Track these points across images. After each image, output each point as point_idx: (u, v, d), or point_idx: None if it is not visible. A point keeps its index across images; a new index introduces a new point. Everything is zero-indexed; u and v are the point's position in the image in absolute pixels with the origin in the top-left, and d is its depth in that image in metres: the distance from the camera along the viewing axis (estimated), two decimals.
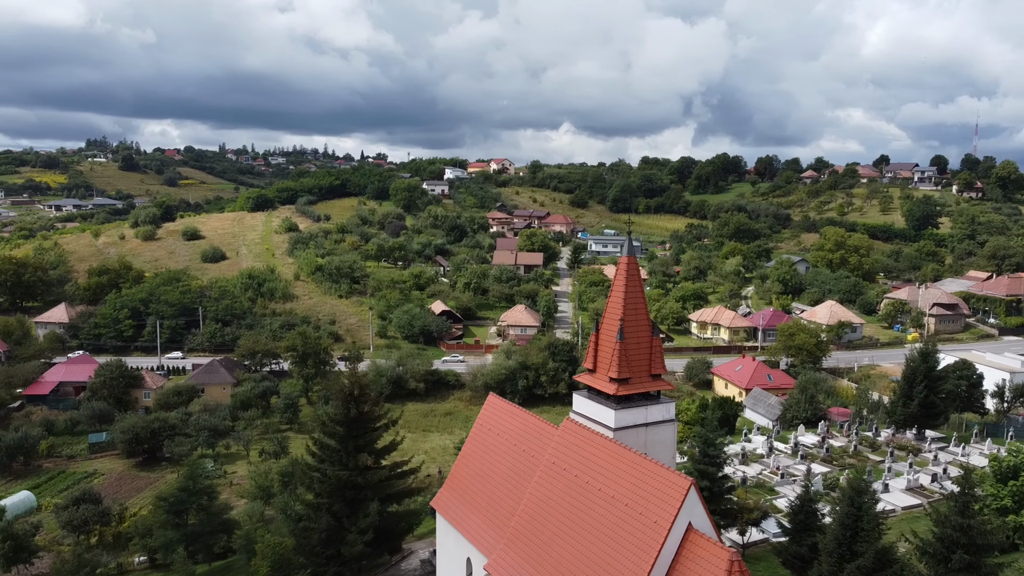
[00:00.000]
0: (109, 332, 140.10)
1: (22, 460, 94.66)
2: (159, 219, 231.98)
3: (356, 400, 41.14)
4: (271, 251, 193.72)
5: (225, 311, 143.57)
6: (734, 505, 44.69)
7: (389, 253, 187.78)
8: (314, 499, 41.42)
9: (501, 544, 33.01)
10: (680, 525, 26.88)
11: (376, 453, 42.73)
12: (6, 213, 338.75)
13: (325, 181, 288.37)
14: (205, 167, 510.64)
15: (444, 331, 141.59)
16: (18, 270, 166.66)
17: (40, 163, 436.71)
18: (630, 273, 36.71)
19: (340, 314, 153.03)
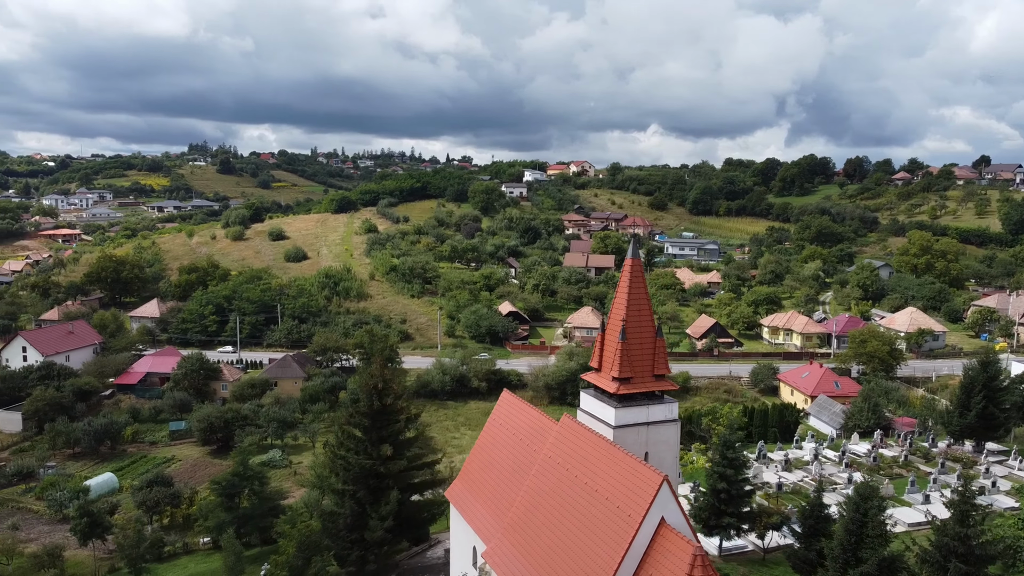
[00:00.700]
0: (195, 327, 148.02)
1: (109, 444, 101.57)
2: (248, 220, 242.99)
3: (380, 393, 43.30)
4: (350, 251, 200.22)
5: (301, 309, 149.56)
6: (753, 509, 44.65)
7: (462, 254, 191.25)
8: (340, 486, 43.84)
9: (498, 533, 34.44)
10: (652, 520, 27.68)
11: (397, 444, 44.80)
12: (113, 214, 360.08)
13: (406, 184, 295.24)
14: (297, 170, 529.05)
15: (510, 331, 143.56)
16: (117, 267, 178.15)
17: (145, 167, 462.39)
18: (634, 275, 37.53)
19: (411, 313, 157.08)
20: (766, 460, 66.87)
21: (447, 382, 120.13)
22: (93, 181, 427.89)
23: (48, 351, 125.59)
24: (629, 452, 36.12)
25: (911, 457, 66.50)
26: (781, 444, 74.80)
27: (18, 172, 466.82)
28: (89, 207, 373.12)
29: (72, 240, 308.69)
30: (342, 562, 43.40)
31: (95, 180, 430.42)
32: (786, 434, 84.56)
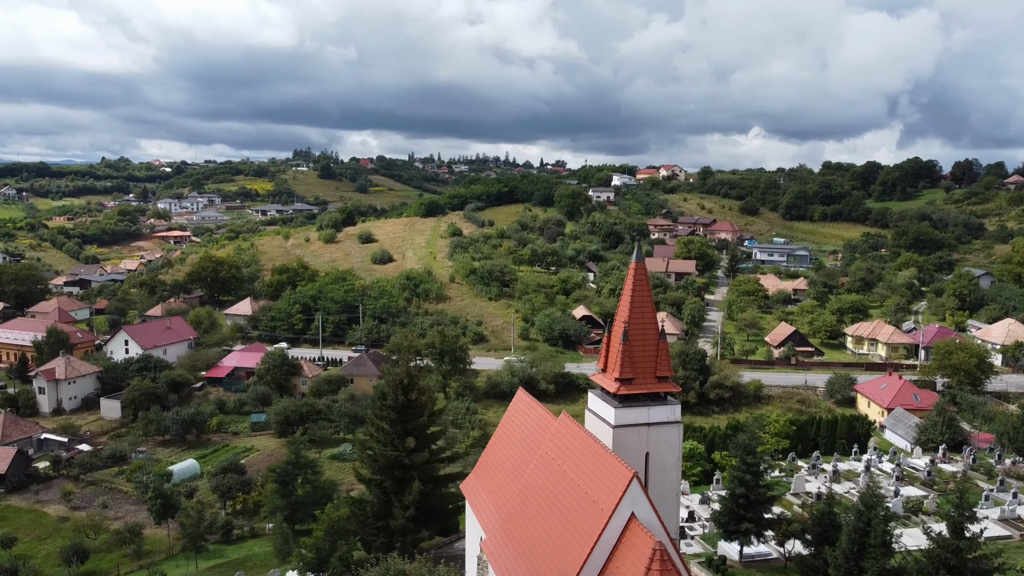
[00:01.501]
0: (283, 325, 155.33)
1: (195, 433, 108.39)
2: (340, 224, 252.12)
3: (405, 389, 45.45)
4: (433, 254, 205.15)
5: (382, 309, 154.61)
6: (773, 515, 44.42)
7: (542, 258, 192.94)
8: (369, 475, 46.22)
9: (496, 525, 35.91)
10: (622, 514, 28.59)
11: (421, 437, 46.82)
12: (220, 217, 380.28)
13: (494, 188, 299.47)
14: (394, 175, 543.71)
15: (583, 335, 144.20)
16: (216, 267, 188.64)
17: (251, 172, 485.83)
18: (637, 278, 38.28)
19: (488, 316, 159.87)
20: (815, 470, 65.62)
21: (515, 384, 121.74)
22: (204, 186, 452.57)
23: (147, 345, 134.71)
24: (628, 451, 37.05)
25: (971, 473, 63.80)
26: (838, 456, 73.04)
27: (138, 177, 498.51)
28: (199, 210, 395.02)
29: (182, 241, 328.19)
30: (368, 547, 45.77)
31: (206, 185, 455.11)
32: (857, 446, 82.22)
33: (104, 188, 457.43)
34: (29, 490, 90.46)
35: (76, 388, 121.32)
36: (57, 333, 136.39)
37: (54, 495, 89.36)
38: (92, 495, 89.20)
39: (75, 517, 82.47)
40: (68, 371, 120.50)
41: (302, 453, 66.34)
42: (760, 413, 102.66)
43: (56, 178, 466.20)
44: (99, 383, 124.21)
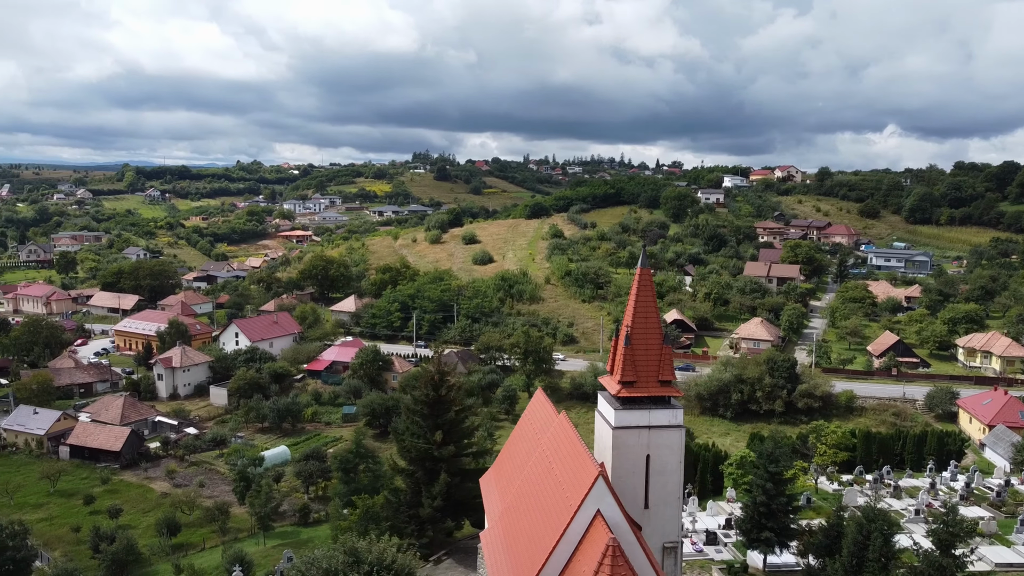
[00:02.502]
0: (382, 322, 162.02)
1: (291, 421, 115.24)
2: (447, 224, 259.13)
3: (436, 385, 47.74)
4: (532, 256, 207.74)
5: (476, 309, 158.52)
6: (796, 525, 43.88)
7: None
8: (403, 466, 48.83)
9: (496, 517, 37.61)
10: (588, 510, 29.69)
11: (449, 432, 48.94)
12: (340, 217, 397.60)
13: (600, 190, 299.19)
14: (508, 176, 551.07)
15: (673, 339, 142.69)
16: (326, 266, 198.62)
17: (371, 174, 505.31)
18: (641, 283, 38.99)
19: (580, 317, 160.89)
20: (877, 484, 63.48)
21: (598, 385, 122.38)
22: (327, 188, 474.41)
23: (255, 337, 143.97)
24: (629, 453, 37.90)
25: None
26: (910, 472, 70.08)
27: (268, 179, 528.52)
28: (321, 211, 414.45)
29: (304, 241, 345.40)
30: (400, 534, 48.34)
31: (328, 187, 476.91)
32: (950, 462, 78.29)
33: (237, 190, 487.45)
34: (140, 467, 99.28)
35: (190, 376, 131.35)
36: (177, 324, 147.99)
37: (160, 472, 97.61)
38: (192, 474, 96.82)
39: (174, 493, 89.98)
40: (183, 360, 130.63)
41: (363, 443, 70.08)
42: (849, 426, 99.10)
43: (195, 180, 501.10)
44: (211, 372, 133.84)
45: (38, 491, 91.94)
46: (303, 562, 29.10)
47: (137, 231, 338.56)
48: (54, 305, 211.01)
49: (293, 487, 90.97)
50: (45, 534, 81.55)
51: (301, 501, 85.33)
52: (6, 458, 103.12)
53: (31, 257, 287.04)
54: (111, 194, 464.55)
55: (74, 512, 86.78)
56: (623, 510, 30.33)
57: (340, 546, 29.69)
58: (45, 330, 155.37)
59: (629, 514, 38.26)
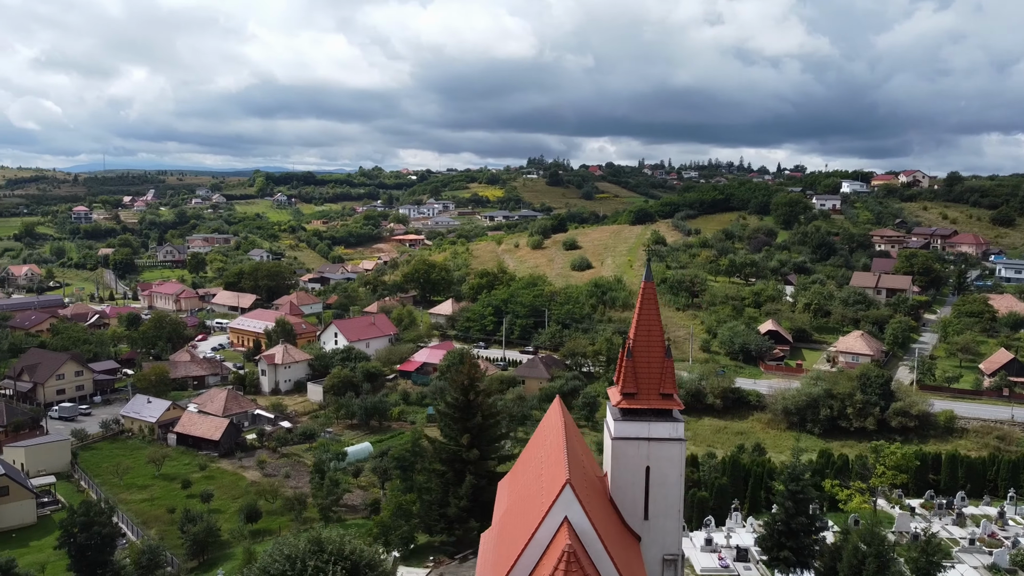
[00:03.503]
0: (476, 326, 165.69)
1: (378, 419, 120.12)
2: (550, 230, 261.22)
3: (465, 390, 49.47)
4: (631, 262, 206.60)
5: (567, 315, 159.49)
6: (816, 545, 42.88)
7: (740, 269, 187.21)
8: (435, 466, 50.89)
9: (497, 519, 38.97)
10: (556, 517, 30.62)
11: (476, 435, 50.49)
12: (452, 222, 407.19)
13: (708, 196, 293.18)
14: (621, 182, 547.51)
15: (764, 350, 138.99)
16: (428, 270, 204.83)
17: (485, 180, 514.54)
18: (645, 297, 39.43)
19: (671, 326, 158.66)
20: (942, 510, 60.45)
21: (681, 395, 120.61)
22: (441, 193, 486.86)
23: (352, 338, 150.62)
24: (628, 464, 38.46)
25: None
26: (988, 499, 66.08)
27: (387, 185, 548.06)
28: (434, 216, 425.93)
29: (416, 244, 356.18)
30: (430, 531, 50.49)
31: (443, 192, 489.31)
32: None
33: (358, 195, 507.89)
34: (235, 456, 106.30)
35: (291, 372, 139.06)
36: (283, 323, 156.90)
37: (253, 462, 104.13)
38: (281, 465, 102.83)
39: (262, 482, 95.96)
40: (284, 357, 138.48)
41: (419, 442, 72.74)
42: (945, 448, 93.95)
43: (319, 186, 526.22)
44: (310, 369, 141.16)
45: (145, 473, 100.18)
46: (273, 548, 31.57)
47: (262, 234, 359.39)
48: (183, 302, 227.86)
49: (370, 482, 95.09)
50: (145, 513, 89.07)
51: (374, 495, 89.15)
52: (122, 442, 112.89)
53: (167, 257, 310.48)
54: (243, 199, 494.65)
55: (173, 494, 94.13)
56: (589, 517, 31.00)
57: (305, 535, 31.92)
58: (168, 326, 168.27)
59: (628, 524, 38.92)
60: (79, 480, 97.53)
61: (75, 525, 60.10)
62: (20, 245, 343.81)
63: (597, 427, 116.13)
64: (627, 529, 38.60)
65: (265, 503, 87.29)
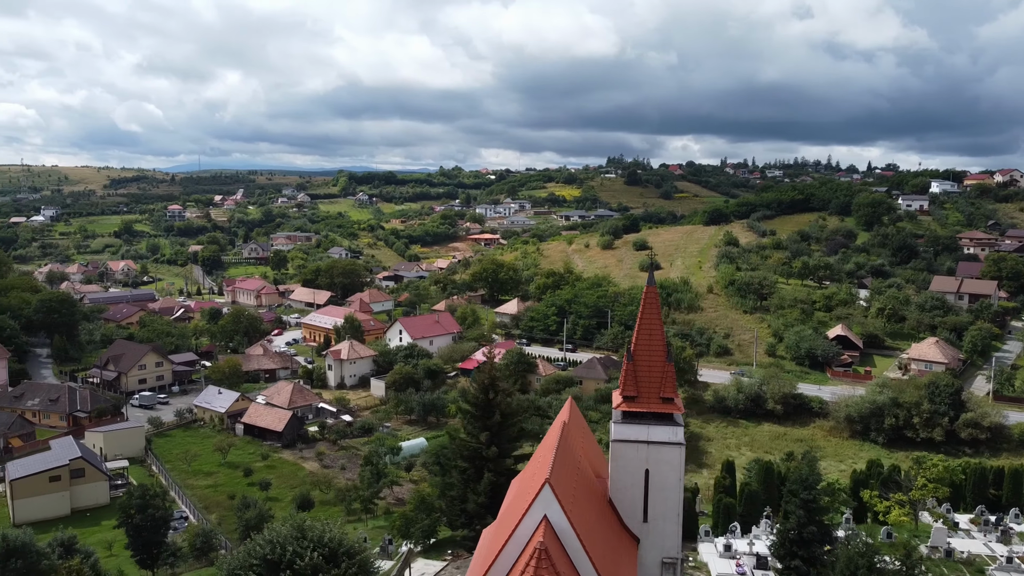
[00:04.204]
0: (539, 325, 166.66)
1: (435, 416, 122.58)
2: (621, 230, 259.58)
3: (486, 389, 50.50)
4: (701, 263, 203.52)
5: (630, 316, 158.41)
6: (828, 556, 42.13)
7: (813, 271, 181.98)
8: (456, 463, 52.15)
9: (499, 517, 39.92)
10: (535, 515, 31.36)
11: (495, 433, 51.39)
12: (527, 222, 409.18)
13: (787, 196, 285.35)
14: (701, 181, 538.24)
15: (831, 356, 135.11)
16: (496, 270, 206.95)
17: (562, 179, 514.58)
18: (647, 301, 39.62)
19: (737, 329, 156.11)
20: (987, 526, 58.13)
21: (741, 400, 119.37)
22: (518, 192, 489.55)
23: (416, 335, 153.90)
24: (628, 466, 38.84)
25: None
26: None
27: (466, 184, 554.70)
28: (510, 215, 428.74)
29: (491, 244, 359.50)
30: (452, 525, 51.77)
31: (520, 192, 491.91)
32: None
33: (437, 194, 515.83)
34: (296, 447, 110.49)
35: (356, 368, 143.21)
36: (352, 320, 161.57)
37: (312, 454, 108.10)
38: (338, 457, 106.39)
39: (319, 473, 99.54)
40: (350, 353, 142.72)
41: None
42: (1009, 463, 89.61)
43: (400, 185, 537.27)
44: (374, 365, 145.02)
45: (212, 461, 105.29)
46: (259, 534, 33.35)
47: (342, 232, 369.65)
48: (263, 298, 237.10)
49: (422, 476, 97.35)
50: (207, 498, 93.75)
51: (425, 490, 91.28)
52: (194, 431, 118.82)
53: (252, 254, 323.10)
54: (326, 198, 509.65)
55: (235, 482, 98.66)
56: (568, 517, 31.58)
57: (290, 522, 33.52)
58: (245, 320, 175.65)
59: (627, 526, 39.29)
60: (150, 465, 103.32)
61: (132, 507, 64.15)
62: (119, 242, 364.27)
63: None
64: (625, 531, 38.97)
65: (319, 493, 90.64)
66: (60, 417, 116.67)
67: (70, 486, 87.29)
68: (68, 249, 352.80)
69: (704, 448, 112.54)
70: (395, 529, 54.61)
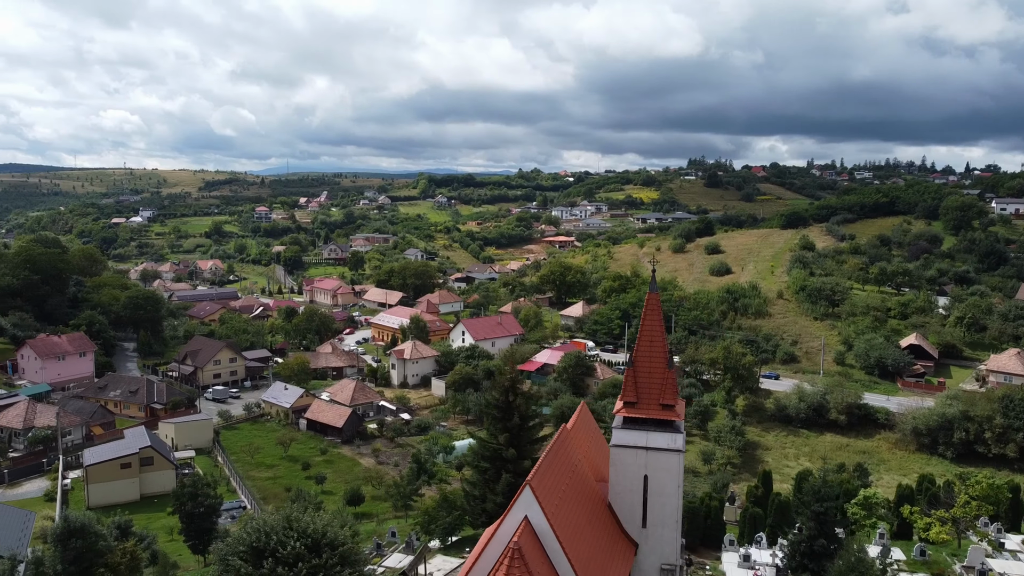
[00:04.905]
0: (603, 329, 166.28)
1: None
2: (694, 233, 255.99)
3: (506, 392, 51.32)
4: (773, 268, 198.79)
5: (693, 321, 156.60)
6: None
7: (891, 277, 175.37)
8: (478, 463, 53.14)
9: None
10: (516, 516, 32.10)
11: (514, 435, 52.08)
12: (603, 224, 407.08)
13: (870, 198, 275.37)
14: (786, 183, 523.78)
15: (902, 366, 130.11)
16: (563, 272, 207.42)
17: (640, 181, 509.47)
18: (649, 308, 39.83)
19: (805, 335, 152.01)
20: None
21: (802, 409, 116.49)
22: (595, 195, 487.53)
23: (478, 336, 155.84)
24: (627, 471, 39.09)
25: None
26: None
27: (544, 187, 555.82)
28: (586, 218, 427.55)
29: (565, 246, 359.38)
30: (473, 524, 52.81)
31: (597, 194, 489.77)
32: None
33: (514, 196, 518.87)
34: (355, 444, 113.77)
35: (418, 367, 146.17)
36: (417, 320, 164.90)
37: (369, 450, 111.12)
38: (394, 454, 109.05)
39: (374, 469, 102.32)
40: (413, 353, 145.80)
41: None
42: None
43: (478, 188, 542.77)
44: (436, 365, 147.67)
45: (274, 454, 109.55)
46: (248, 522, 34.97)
47: (419, 234, 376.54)
48: (339, 297, 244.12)
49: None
50: (266, 490, 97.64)
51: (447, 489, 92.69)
52: (261, 424, 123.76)
53: (331, 255, 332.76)
54: (406, 200, 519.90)
55: (294, 474, 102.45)
56: (548, 519, 32.15)
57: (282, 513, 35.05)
58: (318, 319, 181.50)
59: (626, 531, 39.55)
60: (216, 456, 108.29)
61: (184, 495, 67.75)
62: (209, 242, 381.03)
63: (708, 437, 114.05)
64: (623, 535, 39.23)
65: (371, 489, 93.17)
66: (139, 408, 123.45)
67: (139, 473, 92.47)
68: (162, 248, 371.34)
69: (761, 457, 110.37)
70: (418, 525, 56.17)
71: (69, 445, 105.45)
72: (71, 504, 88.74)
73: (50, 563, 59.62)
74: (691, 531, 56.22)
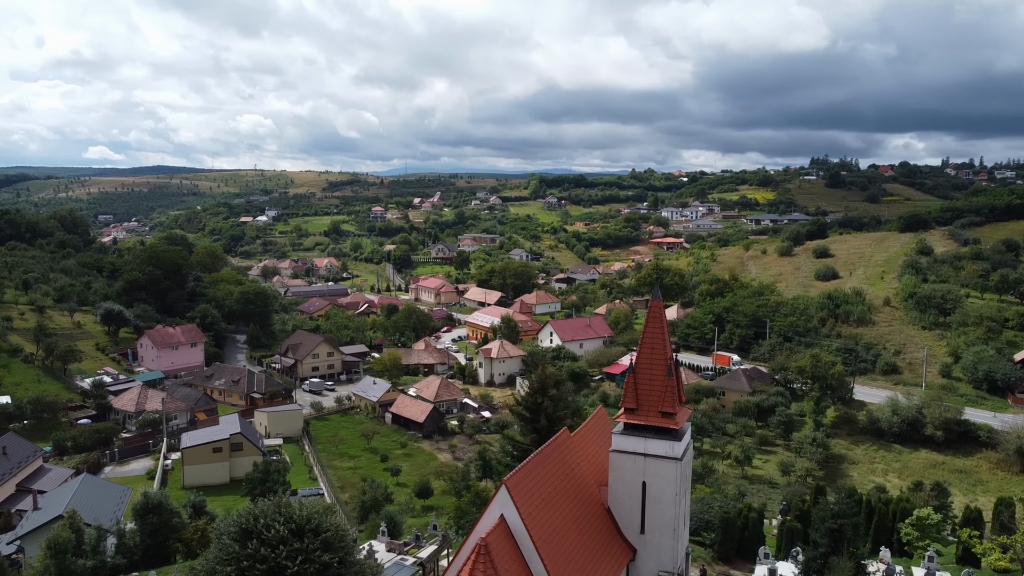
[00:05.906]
0: (695, 333, 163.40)
1: (571, 417, 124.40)
2: (803, 236, 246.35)
3: (537, 393, 52.13)
4: (883, 274, 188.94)
5: (790, 327, 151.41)
6: None
7: (1015, 286, 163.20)
8: (508, 460, 54.21)
9: None
10: (493, 514, 33.13)
11: (541, 435, 52.65)
12: (714, 226, 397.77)
13: (1001, 200, 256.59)
14: (915, 183, 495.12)
15: (1015, 381, 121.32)
16: (660, 275, 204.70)
17: (756, 181, 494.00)
18: (652, 316, 39.77)
19: (911, 346, 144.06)
20: None
21: (896, 423, 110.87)
22: (708, 195, 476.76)
23: (566, 338, 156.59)
24: (625, 477, 39.35)
25: None
26: None
27: (657, 187, 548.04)
28: (696, 219, 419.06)
29: (673, 248, 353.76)
30: None
31: (710, 194, 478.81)
32: None
33: (625, 197, 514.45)
34: (434, 439, 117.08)
35: (504, 366, 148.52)
36: (508, 320, 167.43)
37: (447, 445, 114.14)
38: (469, 450, 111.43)
39: (448, 464, 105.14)
40: (500, 352, 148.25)
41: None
42: None
43: (588, 188, 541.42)
44: (523, 365, 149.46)
45: (357, 445, 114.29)
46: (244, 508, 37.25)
47: (526, 234, 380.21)
48: (442, 296, 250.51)
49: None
50: (344, 479, 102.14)
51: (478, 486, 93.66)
52: (350, 416, 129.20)
53: (439, 254, 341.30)
54: (517, 200, 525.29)
55: (373, 466, 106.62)
56: (522, 517, 32.97)
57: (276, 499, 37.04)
58: (415, 317, 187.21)
59: (625, 536, 39.81)
60: (303, 444, 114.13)
61: (255, 480, 72.47)
62: (327, 240, 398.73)
63: (789, 448, 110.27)
64: (620, 540, 39.47)
65: (441, 483, 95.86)
66: (240, 396, 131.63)
67: (230, 457, 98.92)
68: (284, 246, 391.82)
69: (846, 471, 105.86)
70: (450, 519, 57.86)
71: (174, 429, 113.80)
72: (168, 484, 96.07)
73: (130, 536, 65.53)
74: (725, 541, 55.32)
